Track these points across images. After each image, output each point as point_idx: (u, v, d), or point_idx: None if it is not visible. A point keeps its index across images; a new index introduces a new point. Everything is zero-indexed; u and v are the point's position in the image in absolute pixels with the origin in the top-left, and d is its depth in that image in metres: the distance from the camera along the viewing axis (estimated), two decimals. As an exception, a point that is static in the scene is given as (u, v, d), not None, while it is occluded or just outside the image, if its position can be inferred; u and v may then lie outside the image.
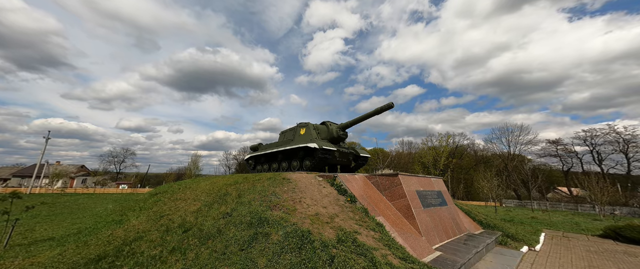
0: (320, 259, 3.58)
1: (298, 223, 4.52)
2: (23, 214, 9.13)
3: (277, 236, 4.03)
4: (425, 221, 6.99)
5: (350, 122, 11.29)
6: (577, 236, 11.73)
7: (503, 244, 8.44)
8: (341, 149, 11.27)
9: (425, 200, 7.77)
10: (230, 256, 3.59)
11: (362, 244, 4.46)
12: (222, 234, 4.25)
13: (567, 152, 43.53)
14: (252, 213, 4.74)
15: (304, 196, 5.91)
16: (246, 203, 5.37)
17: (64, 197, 21.18)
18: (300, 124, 12.40)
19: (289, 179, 7.00)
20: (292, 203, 5.44)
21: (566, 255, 8.15)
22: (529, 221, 15.95)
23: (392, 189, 7.40)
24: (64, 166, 66.56)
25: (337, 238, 4.39)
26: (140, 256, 4.13)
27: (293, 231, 4.14)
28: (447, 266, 5.22)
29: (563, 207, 35.34)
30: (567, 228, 13.84)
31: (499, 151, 50.63)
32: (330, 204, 5.97)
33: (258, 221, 4.45)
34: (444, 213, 8.16)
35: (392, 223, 6.29)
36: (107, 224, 6.83)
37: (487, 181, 23.54)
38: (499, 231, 9.26)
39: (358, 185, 7.33)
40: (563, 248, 9.16)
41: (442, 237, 7.20)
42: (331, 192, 6.70)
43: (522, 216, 19.71)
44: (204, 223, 4.78)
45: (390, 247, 4.78)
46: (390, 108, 9.80)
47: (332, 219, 5.16)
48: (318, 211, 5.35)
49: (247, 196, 5.73)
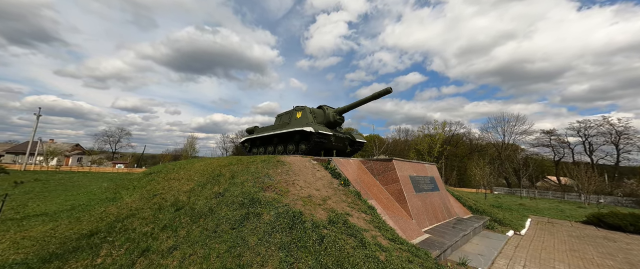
0: (310, 239, 3.64)
1: (290, 204, 4.56)
2: (14, 190, 9.11)
3: (268, 216, 4.07)
4: (417, 205, 7.13)
5: (348, 106, 11.17)
6: (562, 222, 12.17)
7: (490, 229, 8.72)
8: (337, 133, 11.23)
9: (418, 185, 7.89)
10: (221, 235, 3.63)
11: (353, 225, 4.54)
12: (213, 213, 4.28)
13: (560, 142, 44.29)
14: (244, 194, 4.76)
15: (298, 179, 5.93)
16: (239, 183, 5.39)
17: (58, 175, 21.14)
18: (297, 107, 12.25)
19: (283, 162, 7.00)
20: (285, 185, 5.46)
21: (549, 239, 8.48)
22: (517, 208, 16.46)
23: (385, 174, 7.47)
24: (58, 144, 65.97)
25: (328, 219, 4.45)
26: (132, 233, 4.17)
27: (285, 212, 4.18)
28: (434, 247, 5.39)
29: (551, 195, 36.47)
30: (553, 215, 14.33)
31: (494, 140, 51.32)
32: (323, 186, 6.01)
33: (250, 201, 4.48)
34: (435, 198, 8.33)
35: (384, 206, 6.40)
36: (100, 202, 6.85)
37: (479, 169, 24.02)
38: (487, 216, 9.54)
39: (352, 169, 7.37)
40: (547, 232, 9.51)
41: (432, 220, 7.39)
42: (325, 176, 6.74)
43: (510, 202, 20.32)
44: (196, 202, 4.80)
45: (380, 229, 4.88)
46: (388, 93, 9.67)
47: (325, 201, 5.22)
48: (311, 193, 5.39)
49: (240, 177, 5.73)
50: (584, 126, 41.01)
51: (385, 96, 10.01)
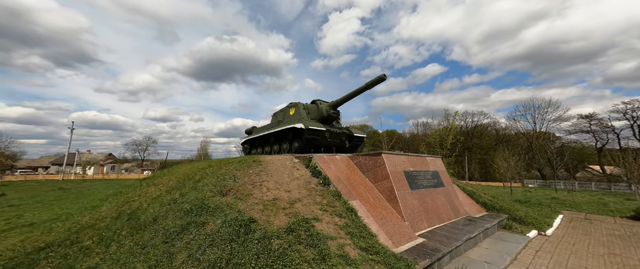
0: (249, 253, 3.05)
1: (245, 210, 4.00)
2: (27, 199, 9.52)
3: (213, 226, 3.54)
4: (412, 204, 6.25)
5: (341, 99, 10.40)
6: (602, 218, 10.43)
7: (507, 229, 7.54)
8: (333, 129, 10.53)
9: (415, 181, 6.97)
10: (149, 250, 3.17)
11: (318, 233, 3.87)
12: (156, 223, 3.85)
13: (602, 127, 39.49)
14: (196, 199, 4.29)
15: (268, 180, 5.36)
16: (200, 187, 4.94)
17: (84, 183, 22.54)
18: (291, 104, 11.72)
19: (261, 162, 6.47)
20: (250, 187, 4.92)
21: (583, 240, 7.13)
22: (548, 202, 14.58)
23: (375, 170, 6.66)
24: (94, 155, 71.82)
25: (287, 227, 3.83)
26: (72, 247, 3.87)
27: (233, 220, 3.63)
28: (424, 255, 4.54)
29: (594, 186, 32.59)
30: (592, 209, 12.43)
31: (524, 129, 47.20)
32: (297, 187, 5.39)
33: (198, 208, 3.99)
34: (437, 195, 7.34)
35: (370, 207, 5.63)
36: (83, 211, 6.80)
37: (504, 161, 21.86)
38: (504, 214, 8.32)
39: (337, 166, 6.66)
40: (581, 231, 8.08)
41: (432, 221, 6.46)
42: (304, 175, 6.10)
43: (541, 196, 18.19)
44: (147, 211, 4.42)
45: (353, 236, 4.15)
46: (382, 80, 8.79)
47: (292, 204, 4.59)
48: (278, 196, 4.79)
49: (205, 180, 5.29)
50: (631, 107, 36.14)
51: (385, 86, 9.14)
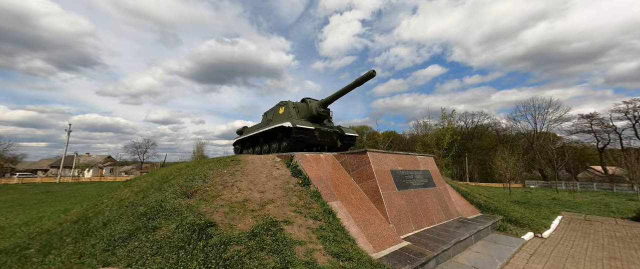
0: (195, 261, 2.70)
1: (207, 213, 3.66)
2: None
3: (165, 231, 3.21)
4: (398, 205, 5.89)
5: (331, 97, 10.08)
6: (603, 219, 10.03)
7: (502, 231, 7.16)
8: (323, 128, 10.20)
9: (403, 181, 6.62)
10: (85, 260, 2.84)
11: (285, 237, 3.52)
12: (105, 228, 3.50)
13: (604, 127, 38.98)
14: (155, 202, 3.94)
15: (242, 180, 5.03)
16: (164, 188, 4.61)
17: (75, 186, 22.23)
18: (281, 102, 11.42)
19: (240, 161, 6.14)
20: (220, 188, 4.58)
21: (581, 243, 6.74)
22: (548, 203, 14.16)
23: (360, 169, 6.31)
24: (93, 157, 71.67)
25: (251, 231, 3.48)
26: (13, 256, 3.53)
27: (190, 224, 3.28)
28: (407, 260, 4.18)
29: (596, 187, 32.05)
30: (593, 210, 12.02)
31: (524, 129, 46.76)
32: (273, 188, 5.05)
33: (153, 211, 3.64)
34: (427, 196, 6.98)
35: (352, 209, 5.28)
36: (55, 213, 6.47)
37: (503, 161, 21.45)
38: (499, 215, 7.94)
39: (320, 165, 6.31)
40: (580, 234, 7.69)
41: (421, 223, 6.10)
42: (283, 175, 5.77)
43: (541, 197, 17.75)
44: (104, 213, 4.09)
45: (326, 239, 3.80)
46: (371, 77, 8.48)
47: (263, 206, 4.25)
48: (249, 197, 4.45)
49: (174, 181, 4.96)
50: (632, 107, 35.70)
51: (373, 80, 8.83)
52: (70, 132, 43.40)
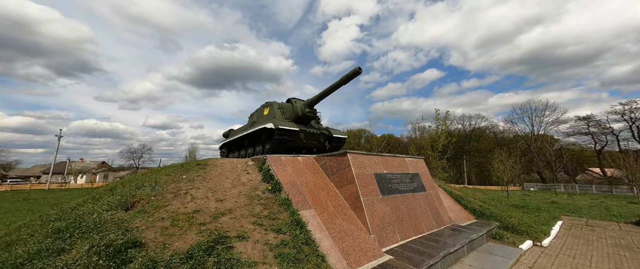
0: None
1: (138, 229, 3.05)
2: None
3: (74, 254, 2.59)
4: (382, 213, 5.30)
5: (317, 97, 9.53)
6: (605, 224, 9.46)
7: (498, 239, 6.57)
8: (309, 129, 9.64)
9: (389, 185, 6.04)
10: None
11: (232, 258, 2.92)
12: (6, 250, 2.87)
13: (601, 129, 38.70)
14: (78, 216, 3.30)
15: (200, 187, 4.43)
16: (103, 198, 4.02)
17: (59, 193, 21.42)
18: (266, 103, 10.87)
19: (206, 165, 5.55)
20: (170, 197, 3.98)
21: (585, 252, 6.16)
22: (547, 206, 13.60)
23: (340, 173, 5.73)
24: (86, 163, 70.50)
25: (188, 251, 2.86)
26: None
27: (106, 245, 2.66)
28: (384, 280, 3.59)
29: (595, 189, 31.55)
30: (594, 214, 11.45)
31: (521, 131, 46.47)
32: (236, 195, 4.45)
33: (72, 227, 3.02)
34: (416, 201, 6.39)
35: (328, 218, 4.68)
36: (13, 222, 5.81)
37: (501, 163, 20.94)
38: (495, 222, 7.36)
39: (296, 169, 5.72)
40: (582, 241, 7.11)
41: (407, 233, 5.50)
42: (253, 180, 5.17)
43: (540, 200, 17.19)
44: (20, 231, 3.45)
45: (285, 258, 3.20)
46: (358, 74, 7.96)
47: (217, 218, 3.64)
48: (202, 207, 3.85)
49: (121, 189, 4.36)
50: (629, 108, 35.45)
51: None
52: (61, 137, 42.51)
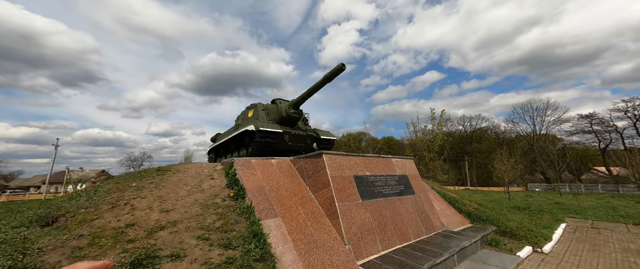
0: None
1: (41, 250, 2.53)
2: None
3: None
4: (360, 220, 4.75)
5: (301, 97, 9.06)
6: (612, 226, 8.82)
7: (494, 245, 5.97)
8: (294, 131, 9.15)
9: (371, 189, 5.49)
10: None
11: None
12: None
13: (604, 126, 37.84)
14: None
15: (147, 196, 3.92)
16: (26, 211, 3.53)
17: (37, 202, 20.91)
18: (251, 105, 10.45)
19: (166, 171, 5.05)
20: (105, 208, 3.47)
21: (590, 259, 5.55)
22: (550, 208, 12.91)
23: (316, 176, 5.20)
24: (85, 172, 70.40)
25: None
26: None
27: None
28: (352, 301, 3.04)
29: (601, 189, 30.64)
30: (600, 216, 10.78)
31: (523, 131, 45.69)
32: (190, 204, 3.93)
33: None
34: (403, 206, 5.83)
35: (296, 227, 4.14)
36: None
37: (502, 163, 20.29)
38: (492, 226, 6.76)
39: (267, 173, 5.20)
40: (588, 246, 6.49)
41: (391, 241, 4.94)
42: (215, 186, 4.66)
43: (543, 201, 16.48)
44: None
45: (228, 277, 2.67)
46: (341, 71, 7.52)
47: (154, 233, 3.12)
48: (140, 220, 3.33)
49: (54, 201, 3.87)
50: (632, 105, 34.66)
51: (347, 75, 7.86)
52: (58, 147, 42.33)
